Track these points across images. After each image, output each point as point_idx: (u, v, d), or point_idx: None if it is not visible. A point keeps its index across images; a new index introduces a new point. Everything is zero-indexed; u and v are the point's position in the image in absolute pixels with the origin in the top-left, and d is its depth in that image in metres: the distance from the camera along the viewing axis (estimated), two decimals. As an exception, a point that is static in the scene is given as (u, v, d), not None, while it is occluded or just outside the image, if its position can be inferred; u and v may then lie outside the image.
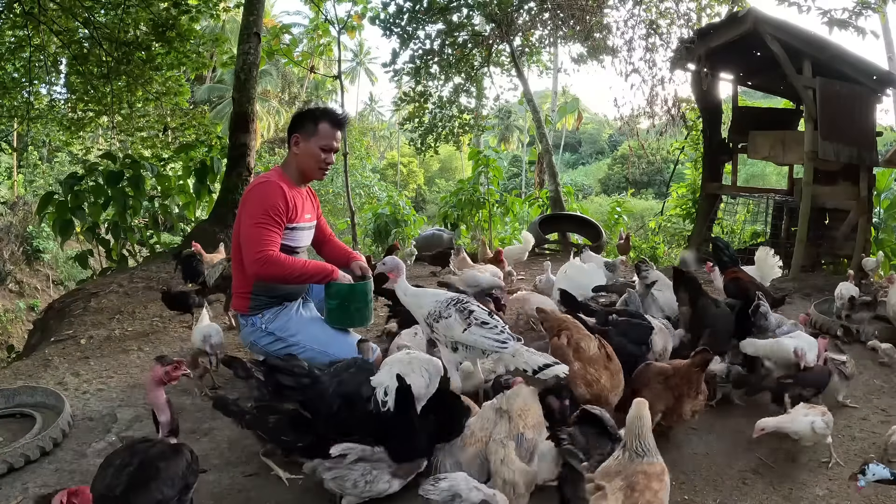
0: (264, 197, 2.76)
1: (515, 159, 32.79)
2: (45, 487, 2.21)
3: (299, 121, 2.94)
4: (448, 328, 2.43)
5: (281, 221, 2.78)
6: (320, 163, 2.92)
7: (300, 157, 2.92)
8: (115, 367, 3.46)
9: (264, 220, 2.71)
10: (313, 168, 2.94)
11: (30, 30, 7.83)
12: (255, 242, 2.69)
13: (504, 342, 2.36)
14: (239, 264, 2.91)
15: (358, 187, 18.52)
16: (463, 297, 2.55)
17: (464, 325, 2.40)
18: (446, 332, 2.44)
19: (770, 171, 21.43)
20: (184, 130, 9.04)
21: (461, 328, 2.40)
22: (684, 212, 9.86)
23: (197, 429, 2.73)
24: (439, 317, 2.46)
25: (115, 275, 5.36)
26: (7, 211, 15.98)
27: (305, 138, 2.88)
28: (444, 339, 2.48)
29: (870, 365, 3.43)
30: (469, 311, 2.44)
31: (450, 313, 2.44)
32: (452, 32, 9.45)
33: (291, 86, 28.86)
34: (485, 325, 2.40)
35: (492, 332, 2.38)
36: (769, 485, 2.25)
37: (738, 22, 5.80)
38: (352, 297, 2.86)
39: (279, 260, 2.71)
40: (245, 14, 6.46)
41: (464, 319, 2.41)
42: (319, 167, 2.94)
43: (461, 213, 9.79)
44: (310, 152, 2.89)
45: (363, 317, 2.92)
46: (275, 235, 2.74)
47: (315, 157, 2.90)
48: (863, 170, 5.61)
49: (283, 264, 2.72)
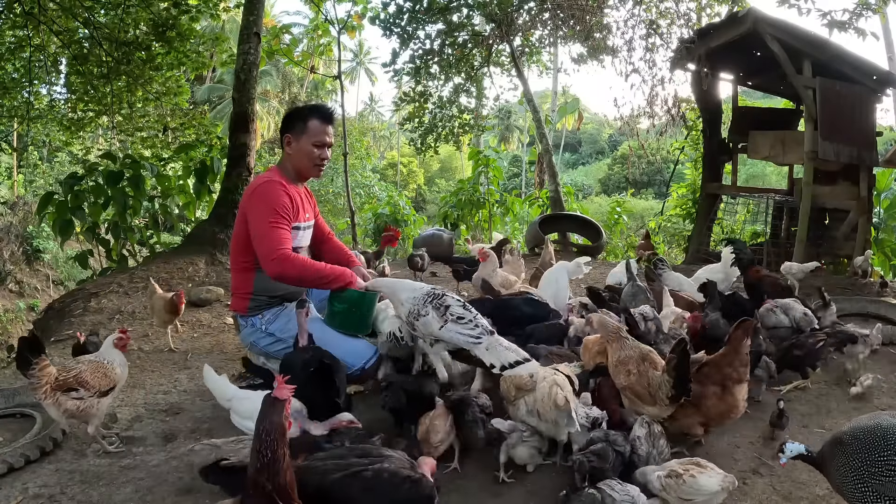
0: (270, 196, 2.75)
1: (515, 159, 32.80)
2: (45, 488, 2.22)
3: (289, 121, 2.94)
4: (426, 325, 2.39)
5: (290, 219, 2.78)
6: (315, 159, 2.91)
7: (294, 157, 2.91)
8: (115, 367, 3.46)
9: (275, 220, 2.70)
10: (308, 166, 2.94)
11: (30, 30, 7.83)
12: (270, 241, 2.67)
13: (478, 337, 2.32)
14: (239, 265, 2.91)
15: (358, 187, 18.53)
16: (438, 290, 2.49)
17: (440, 322, 2.36)
18: (425, 329, 2.41)
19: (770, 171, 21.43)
20: (184, 130, 9.03)
21: (438, 325, 2.37)
22: (684, 212, 9.86)
23: (197, 429, 2.73)
24: (418, 315, 2.42)
25: (115, 275, 5.36)
26: (7, 211, 15.98)
27: (297, 137, 2.88)
28: (424, 336, 2.46)
29: (870, 365, 3.43)
30: (445, 307, 2.39)
31: (427, 310, 2.39)
32: (452, 32, 9.45)
33: (291, 86, 28.87)
34: (460, 320, 2.36)
35: (466, 328, 2.34)
36: (769, 485, 2.25)
37: (738, 22, 5.80)
38: (360, 305, 2.85)
39: (297, 259, 2.71)
40: (245, 14, 6.45)
41: (440, 316, 2.37)
42: (315, 164, 2.93)
43: (461, 213, 9.80)
44: (303, 150, 2.89)
45: (365, 325, 2.90)
46: (287, 234, 2.74)
47: (309, 155, 2.89)
48: (863, 170, 5.61)
49: (301, 264, 2.72)
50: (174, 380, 3.31)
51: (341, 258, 3.19)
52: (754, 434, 2.58)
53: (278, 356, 2.92)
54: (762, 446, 2.49)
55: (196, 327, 4.21)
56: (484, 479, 2.25)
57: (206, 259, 5.59)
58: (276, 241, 2.67)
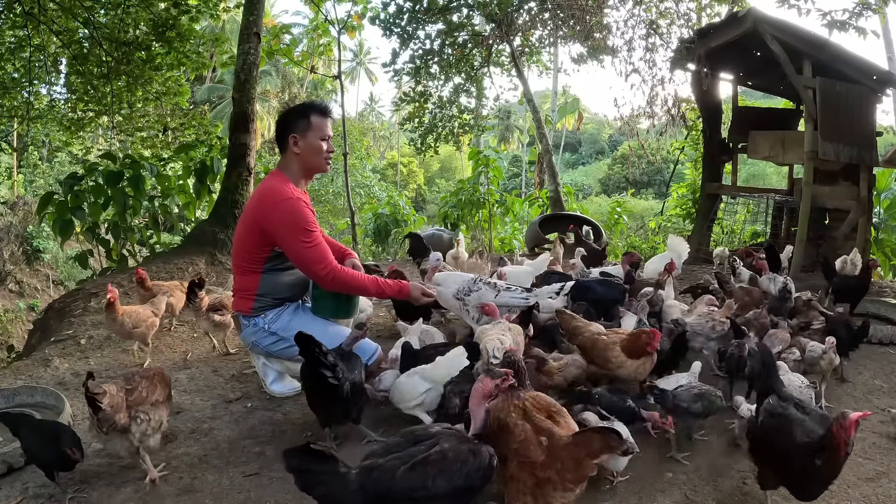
0: (297, 215, 2.76)
1: (515, 159, 32.80)
2: (45, 488, 2.22)
3: (289, 122, 2.93)
4: (480, 297, 3.11)
5: (317, 230, 2.84)
6: (324, 153, 2.95)
7: (304, 155, 2.92)
8: (115, 367, 3.47)
9: (310, 240, 2.76)
10: (320, 161, 2.96)
11: (30, 30, 7.82)
12: (316, 262, 2.76)
13: (527, 298, 3.20)
14: (243, 268, 2.91)
15: (358, 187, 18.54)
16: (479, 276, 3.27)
17: (495, 293, 3.15)
18: (476, 300, 3.10)
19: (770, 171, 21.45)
20: (184, 130, 9.01)
21: (493, 295, 3.13)
22: (684, 212, 9.87)
23: (197, 429, 2.73)
24: (469, 291, 3.16)
25: (115, 275, 5.35)
26: (7, 211, 15.98)
27: (303, 135, 2.89)
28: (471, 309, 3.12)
29: (870, 365, 3.44)
30: (494, 284, 3.23)
31: (479, 287, 3.17)
32: (452, 32, 9.46)
33: (291, 86, 28.85)
34: (508, 289, 3.22)
35: (515, 294, 3.20)
36: (769, 485, 2.25)
37: (738, 22, 5.80)
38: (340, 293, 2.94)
39: (343, 274, 2.81)
40: (245, 14, 6.44)
41: (493, 289, 3.18)
42: (325, 158, 2.98)
43: (461, 213, 9.80)
44: (312, 146, 2.91)
45: (347, 310, 3.05)
46: (325, 248, 2.82)
47: (318, 150, 2.93)
48: (863, 170, 5.61)
49: (355, 279, 2.84)
50: (174, 380, 3.30)
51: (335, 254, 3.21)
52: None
53: (280, 355, 2.93)
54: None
55: (196, 327, 4.21)
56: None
57: (206, 259, 5.59)
58: (320, 261, 2.76)
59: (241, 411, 2.92)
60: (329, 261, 2.79)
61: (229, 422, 2.81)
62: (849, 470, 2.20)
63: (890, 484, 2.29)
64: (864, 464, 2.42)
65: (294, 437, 2.64)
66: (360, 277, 2.88)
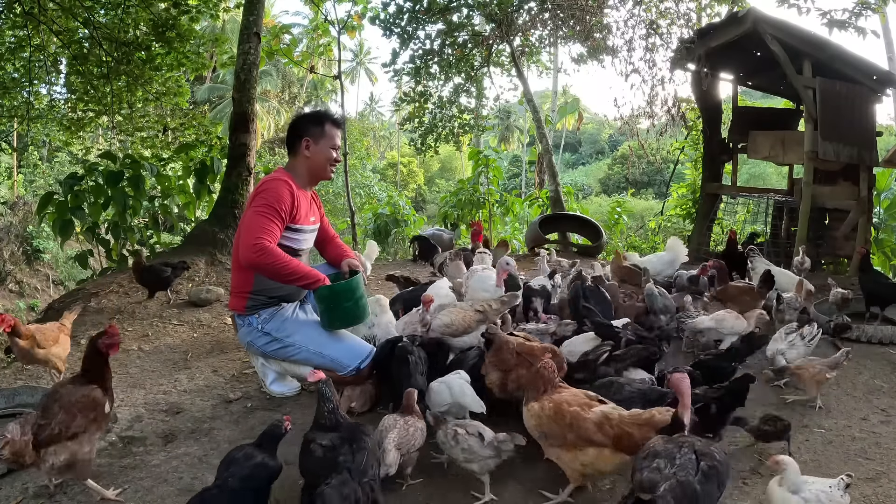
0: (271, 192, 2.80)
1: (515, 159, 32.79)
2: (45, 488, 2.22)
3: (305, 125, 2.99)
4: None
5: (284, 216, 2.79)
6: (331, 161, 3.03)
7: (312, 160, 2.99)
8: (115, 367, 3.45)
9: (266, 211, 2.74)
10: (325, 168, 3.03)
11: (30, 30, 7.81)
12: (254, 229, 2.69)
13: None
14: (238, 265, 2.91)
15: (358, 187, 18.54)
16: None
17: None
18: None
19: (770, 171, 21.44)
20: (184, 130, 9.01)
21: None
22: (684, 212, 9.86)
23: (197, 429, 2.73)
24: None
25: (115, 275, 5.35)
26: (7, 211, 15.99)
27: (316, 141, 2.96)
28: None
29: (870, 365, 3.44)
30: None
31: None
32: (452, 32, 9.45)
33: (291, 86, 28.87)
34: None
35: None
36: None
37: (738, 22, 5.80)
38: (338, 298, 2.84)
39: (274, 251, 2.69)
40: (245, 14, 6.44)
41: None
42: (331, 166, 3.05)
43: (461, 213, 9.80)
44: (322, 153, 2.99)
45: (355, 315, 2.89)
46: (274, 227, 2.74)
47: (327, 158, 3.00)
48: (863, 170, 5.62)
49: (277, 256, 2.69)
50: (174, 380, 3.31)
51: (337, 256, 3.24)
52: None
53: (276, 356, 2.93)
54: (762, 446, 2.49)
55: (196, 327, 4.21)
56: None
57: (206, 259, 5.58)
58: (258, 230, 2.68)
59: (241, 411, 2.92)
60: (267, 236, 2.68)
61: (229, 422, 2.81)
62: (849, 469, 2.20)
63: (890, 484, 2.29)
64: (864, 464, 2.42)
65: (294, 437, 2.63)
66: (287, 264, 2.71)
